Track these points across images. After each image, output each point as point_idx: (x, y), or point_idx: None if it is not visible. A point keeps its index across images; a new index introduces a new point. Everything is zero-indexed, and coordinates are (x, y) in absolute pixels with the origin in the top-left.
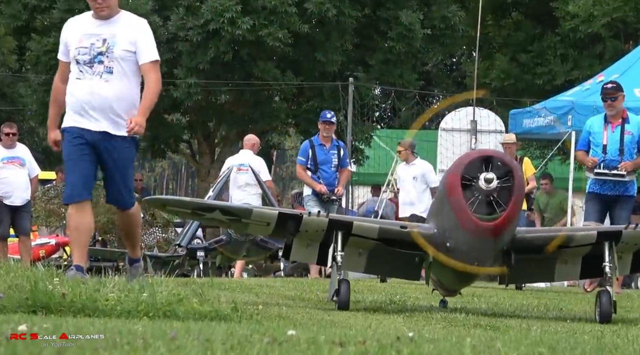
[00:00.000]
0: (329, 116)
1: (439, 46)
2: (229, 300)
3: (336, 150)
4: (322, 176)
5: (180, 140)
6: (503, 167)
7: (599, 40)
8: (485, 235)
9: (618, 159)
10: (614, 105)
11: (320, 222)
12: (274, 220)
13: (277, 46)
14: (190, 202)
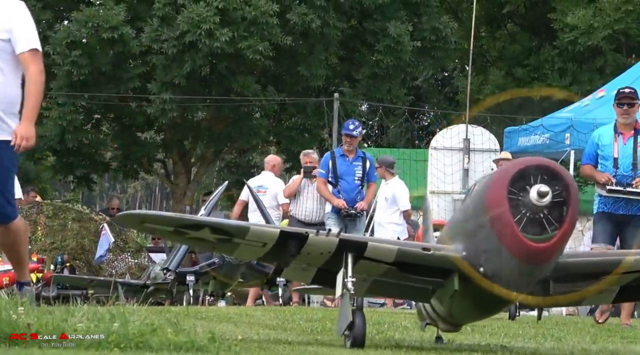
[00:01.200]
0: (352, 128)
1: (430, 59)
2: (206, 330)
3: (361, 161)
4: (342, 189)
5: (154, 160)
6: (555, 178)
7: (599, 54)
8: (536, 259)
9: (631, 174)
10: (629, 113)
11: (328, 242)
12: (273, 240)
13: (257, 59)
14: (173, 218)
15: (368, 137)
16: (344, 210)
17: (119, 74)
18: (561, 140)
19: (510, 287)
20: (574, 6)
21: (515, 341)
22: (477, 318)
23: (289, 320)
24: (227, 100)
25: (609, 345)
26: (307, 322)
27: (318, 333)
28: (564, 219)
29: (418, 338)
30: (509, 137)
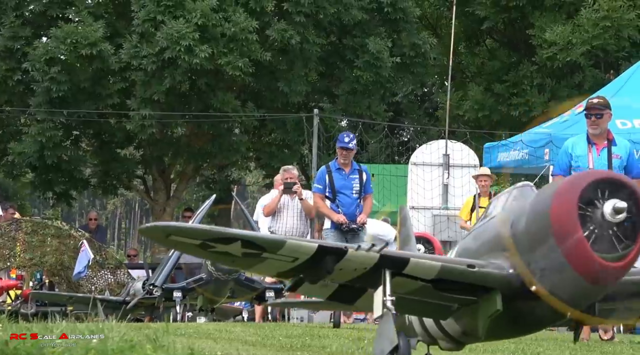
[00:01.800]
0: (347, 141)
1: (409, 75)
2: (185, 347)
3: (357, 174)
4: (341, 204)
5: (133, 176)
6: (626, 193)
7: (577, 70)
8: (605, 279)
9: None
10: (598, 124)
11: (367, 258)
12: (308, 254)
13: (237, 76)
14: (203, 230)
15: None
16: (345, 226)
17: (98, 90)
18: (540, 156)
19: (566, 306)
20: (552, 22)
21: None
22: (509, 337)
23: (269, 336)
24: (207, 116)
25: None
26: (286, 338)
27: (298, 349)
28: (637, 236)
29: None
30: (488, 153)
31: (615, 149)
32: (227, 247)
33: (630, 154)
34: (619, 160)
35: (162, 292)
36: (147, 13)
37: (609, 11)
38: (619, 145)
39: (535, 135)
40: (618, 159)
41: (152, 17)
